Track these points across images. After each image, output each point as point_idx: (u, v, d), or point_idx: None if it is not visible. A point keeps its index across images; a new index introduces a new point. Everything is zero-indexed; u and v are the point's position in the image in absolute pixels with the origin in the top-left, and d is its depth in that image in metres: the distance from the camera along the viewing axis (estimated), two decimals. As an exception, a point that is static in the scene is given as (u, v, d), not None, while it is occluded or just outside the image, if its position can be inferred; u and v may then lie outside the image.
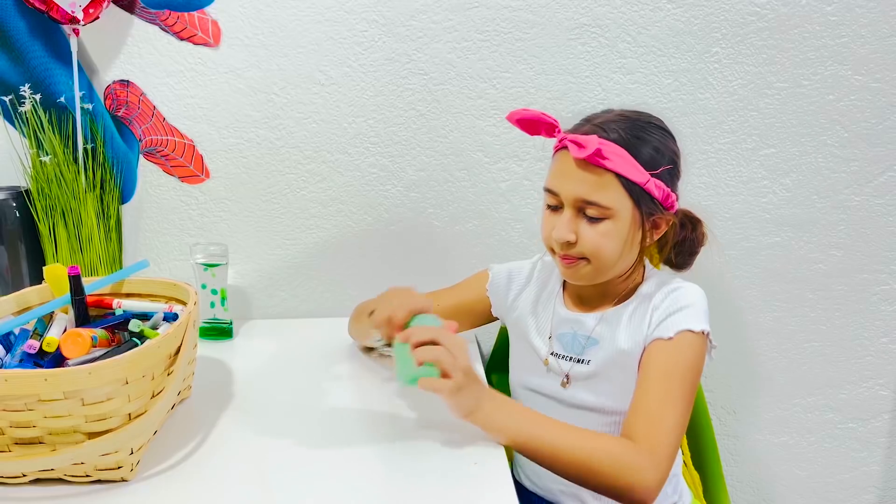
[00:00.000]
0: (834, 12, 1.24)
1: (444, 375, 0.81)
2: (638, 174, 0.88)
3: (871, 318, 1.38)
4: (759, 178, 1.32)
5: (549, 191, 0.93)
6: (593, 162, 0.87)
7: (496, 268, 1.12)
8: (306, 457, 0.85)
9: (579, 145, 0.87)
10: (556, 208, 0.93)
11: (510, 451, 1.14)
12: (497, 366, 1.27)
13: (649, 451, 0.82)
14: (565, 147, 0.90)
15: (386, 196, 1.33)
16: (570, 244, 0.91)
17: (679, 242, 0.98)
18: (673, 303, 0.92)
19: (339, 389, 1.03)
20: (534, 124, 0.93)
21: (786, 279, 1.36)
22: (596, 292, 0.98)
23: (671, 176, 0.92)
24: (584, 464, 0.82)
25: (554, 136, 0.93)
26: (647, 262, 1.00)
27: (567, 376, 0.98)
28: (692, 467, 1.17)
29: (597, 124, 0.91)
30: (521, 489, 1.08)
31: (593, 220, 0.89)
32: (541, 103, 1.28)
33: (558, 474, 0.84)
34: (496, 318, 1.13)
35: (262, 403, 1.00)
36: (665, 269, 1.03)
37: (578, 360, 0.97)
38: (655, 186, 0.89)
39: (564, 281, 1.03)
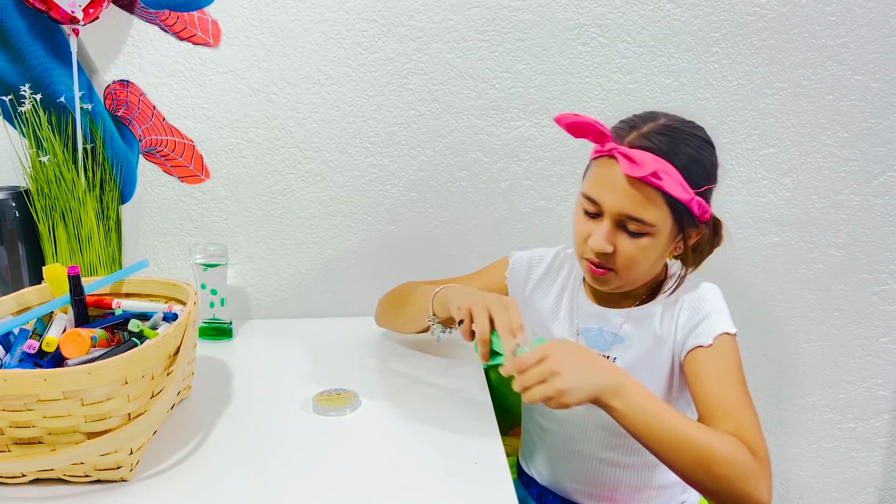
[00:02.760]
0: (834, 12, 1.24)
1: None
2: (684, 193, 0.86)
3: (871, 318, 1.38)
4: (759, 178, 1.32)
5: (589, 198, 0.90)
6: (645, 180, 0.84)
7: (517, 255, 1.10)
8: (305, 457, 0.85)
9: (634, 162, 0.84)
10: (594, 215, 0.90)
11: (515, 448, 1.15)
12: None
13: (760, 458, 0.78)
14: (612, 157, 0.87)
15: (386, 196, 1.33)
16: (605, 255, 0.89)
17: (702, 243, 0.96)
18: (700, 305, 0.92)
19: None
20: (582, 130, 0.90)
21: (786, 279, 1.36)
22: (620, 291, 0.97)
23: (711, 191, 0.91)
24: (703, 461, 0.76)
25: (602, 145, 0.89)
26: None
27: None
28: None
29: (647, 136, 0.87)
30: (531, 483, 1.08)
31: (633, 234, 0.88)
32: (541, 103, 1.28)
33: (669, 463, 0.78)
34: None
35: (261, 403, 0.99)
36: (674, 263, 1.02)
37: (605, 357, 0.96)
38: (697, 204, 0.87)
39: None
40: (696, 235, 0.92)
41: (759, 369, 1.40)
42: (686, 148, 0.87)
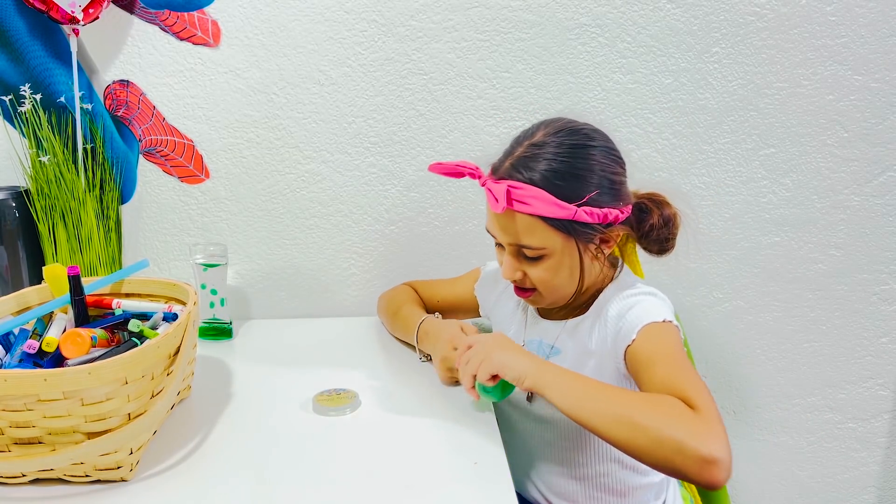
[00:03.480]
0: (834, 12, 1.24)
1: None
2: (561, 210, 0.84)
3: (871, 318, 1.38)
4: (759, 178, 1.32)
5: (489, 231, 0.94)
6: (514, 210, 0.86)
7: (487, 267, 1.14)
8: (305, 457, 0.85)
9: (495, 198, 0.85)
10: (499, 245, 0.94)
11: (510, 455, 1.14)
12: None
13: (701, 411, 0.72)
14: None
15: (386, 196, 1.33)
16: (520, 279, 0.93)
17: (646, 232, 0.93)
18: (624, 310, 0.89)
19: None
20: (459, 174, 0.93)
21: (786, 279, 1.36)
22: (556, 306, 0.97)
23: (609, 193, 0.87)
24: (627, 415, 0.73)
25: (479, 180, 0.92)
26: (620, 261, 0.99)
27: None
28: None
29: (513, 164, 0.88)
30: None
31: (532, 259, 0.90)
32: (541, 103, 1.28)
33: (616, 443, 0.74)
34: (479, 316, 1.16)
35: (261, 403, 0.99)
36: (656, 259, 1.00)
37: None
38: (586, 213, 0.85)
39: None
40: (615, 237, 0.91)
41: (758, 369, 1.40)
42: (547, 165, 0.85)
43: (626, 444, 0.73)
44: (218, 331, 1.23)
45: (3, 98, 1.23)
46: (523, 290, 0.94)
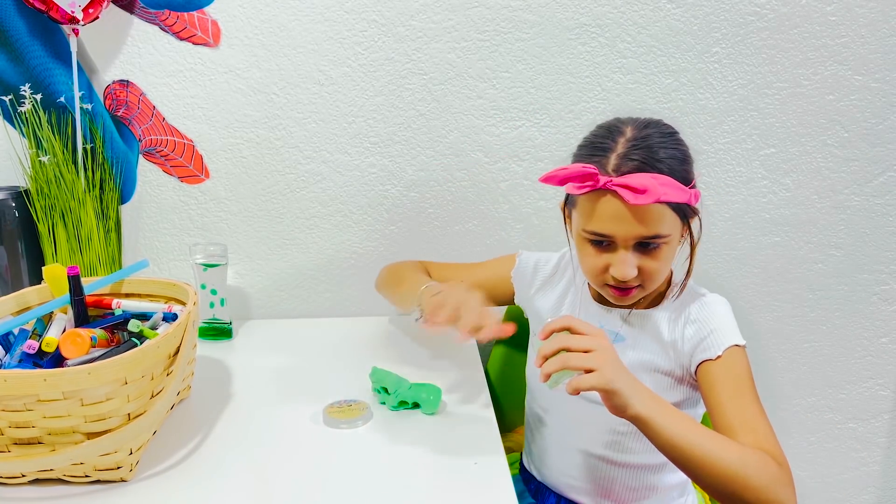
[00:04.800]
0: (834, 12, 1.24)
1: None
2: (684, 195, 0.86)
3: (871, 318, 1.38)
4: (759, 178, 1.32)
5: (598, 234, 0.88)
6: (659, 199, 0.83)
7: (525, 255, 1.12)
8: (305, 457, 0.85)
9: (637, 191, 0.83)
10: (605, 245, 0.89)
11: (519, 443, 1.15)
12: (496, 366, 1.27)
13: (784, 467, 0.77)
14: (605, 189, 0.85)
15: (386, 196, 1.33)
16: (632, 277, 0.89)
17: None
18: (708, 318, 0.91)
19: (338, 390, 1.03)
20: (569, 179, 0.87)
21: (786, 279, 1.36)
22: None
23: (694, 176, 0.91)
24: (735, 475, 0.74)
25: (595, 182, 0.86)
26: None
27: None
28: None
29: (627, 156, 0.86)
30: (530, 479, 1.08)
31: (652, 250, 0.88)
32: (540, 103, 1.28)
33: (701, 481, 0.76)
34: (511, 304, 1.13)
35: (261, 403, 0.99)
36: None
37: None
38: (695, 196, 0.88)
39: None
40: (693, 215, 0.93)
41: (758, 369, 1.40)
42: (665, 151, 0.87)
43: (722, 491, 0.75)
44: (218, 331, 1.23)
45: (3, 98, 1.23)
46: (626, 289, 0.91)
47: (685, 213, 0.89)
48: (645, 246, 0.88)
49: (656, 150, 0.86)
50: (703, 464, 0.74)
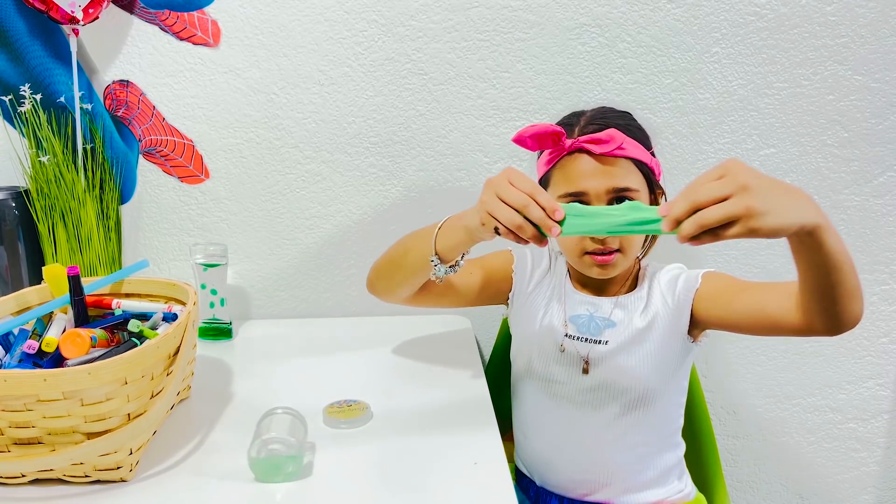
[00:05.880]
0: (834, 12, 1.24)
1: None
2: (645, 155, 0.94)
3: (871, 318, 1.38)
4: (759, 178, 1.32)
5: (571, 195, 0.94)
6: (614, 154, 0.91)
7: (518, 251, 1.11)
8: (305, 457, 0.85)
9: (602, 141, 0.91)
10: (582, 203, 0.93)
11: (510, 450, 1.15)
12: (498, 365, 1.27)
13: None
14: (572, 152, 0.93)
15: (386, 196, 1.33)
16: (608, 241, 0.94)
17: None
18: (672, 271, 1.01)
19: (338, 389, 1.03)
20: (542, 137, 0.92)
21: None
22: (616, 274, 1.00)
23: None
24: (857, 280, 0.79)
25: (563, 144, 0.93)
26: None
27: (586, 361, 0.99)
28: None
29: (591, 121, 0.96)
30: (529, 486, 1.08)
31: None
32: (540, 103, 1.28)
33: (846, 284, 0.80)
34: (503, 303, 1.11)
35: (261, 403, 0.99)
36: None
37: (596, 342, 0.99)
38: (656, 164, 0.97)
39: (569, 266, 1.05)
40: (660, 195, 1.01)
41: (758, 369, 1.40)
42: (623, 121, 0.97)
43: (854, 291, 0.79)
44: (218, 331, 1.23)
45: (3, 98, 1.23)
46: (607, 253, 0.94)
47: (651, 180, 0.96)
48: (618, 203, 0.90)
49: (615, 120, 0.96)
50: (851, 271, 0.79)
